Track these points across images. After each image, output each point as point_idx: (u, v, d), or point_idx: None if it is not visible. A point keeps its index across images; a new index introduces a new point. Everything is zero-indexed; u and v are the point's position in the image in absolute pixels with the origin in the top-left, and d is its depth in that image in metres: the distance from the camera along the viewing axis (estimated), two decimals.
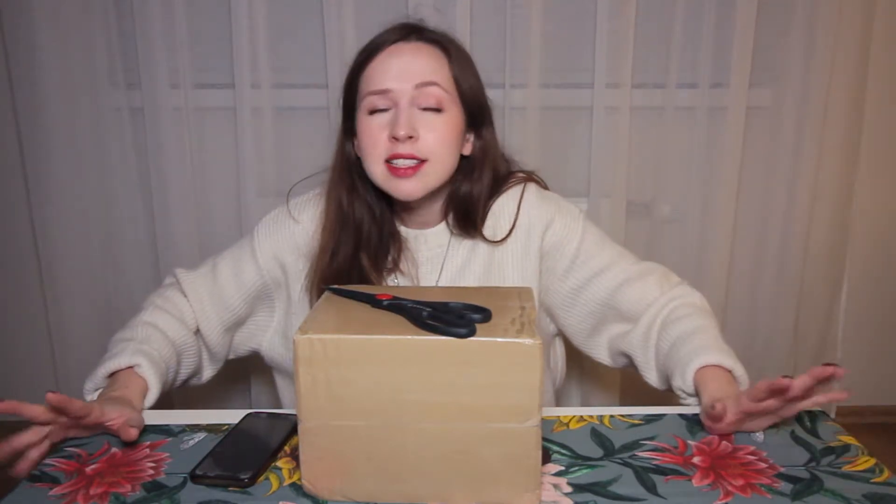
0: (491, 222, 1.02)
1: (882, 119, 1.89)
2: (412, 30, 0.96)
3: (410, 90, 0.92)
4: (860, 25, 1.72)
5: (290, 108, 1.76)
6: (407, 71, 0.92)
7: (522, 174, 1.06)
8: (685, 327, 0.94)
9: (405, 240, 1.03)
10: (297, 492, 0.72)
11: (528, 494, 0.68)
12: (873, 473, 0.74)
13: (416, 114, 0.92)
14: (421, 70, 0.92)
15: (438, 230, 1.04)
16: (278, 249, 1.05)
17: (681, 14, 1.70)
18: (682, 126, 1.76)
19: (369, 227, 1.00)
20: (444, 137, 0.93)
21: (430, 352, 0.65)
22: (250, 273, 1.05)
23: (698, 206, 1.81)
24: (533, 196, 1.03)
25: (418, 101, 0.92)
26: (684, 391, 0.90)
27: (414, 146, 0.92)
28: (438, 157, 0.94)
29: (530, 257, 1.02)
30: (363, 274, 0.99)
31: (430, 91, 0.92)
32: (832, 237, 1.88)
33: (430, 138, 0.92)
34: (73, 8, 1.66)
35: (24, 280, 1.93)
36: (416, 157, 0.92)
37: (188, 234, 1.78)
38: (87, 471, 0.76)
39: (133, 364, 0.90)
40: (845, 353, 2.04)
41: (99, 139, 1.75)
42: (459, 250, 1.02)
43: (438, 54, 0.95)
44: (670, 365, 0.93)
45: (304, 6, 1.72)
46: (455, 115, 0.95)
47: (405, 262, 1.02)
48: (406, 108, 0.91)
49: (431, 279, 1.03)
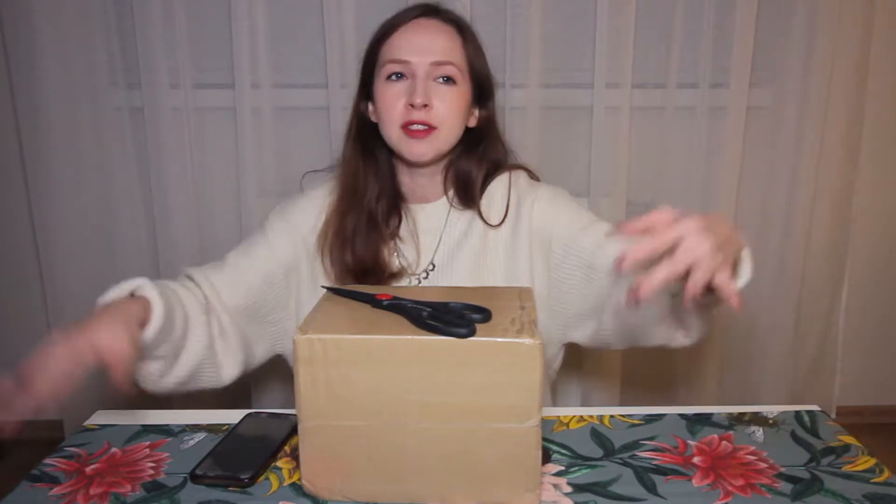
0: (486, 202, 1.07)
1: (882, 119, 1.89)
2: (433, 9, 1.05)
3: (427, 65, 0.99)
4: (860, 25, 1.72)
5: (290, 108, 1.76)
6: (427, 47, 1.00)
7: (511, 165, 1.12)
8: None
9: (408, 209, 1.09)
10: (297, 492, 0.72)
11: (528, 494, 0.68)
12: (873, 473, 0.74)
13: (431, 85, 1.00)
14: (440, 49, 1.00)
15: (438, 204, 1.08)
16: (290, 229, 1.07)
17: (681, 14, 1.70)
18: (682, 126, 1.76)
19: (380, 188, 1.07)
20: (455, 108, 1.01)
21: (430, 352, 0.65)
22: (261, 251, 1.05)
23: (698, 206, 1.81)
24: (522, 180, 1.10)
25: (434, 74, 1.00)
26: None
27: (428, 114, 0.99)
28: (448, 124, 1.01)
29: (521, 237, 1.05)
30: (371, 233, 1.04)
31: (446, 69, 1.00)
32: (832, 237, 1.88)
33: (442, 108, 0.99)
34: (73, 8, 1.66)
35: (24, 280, 1.93)
36: (428, 123, 0.99)
37: (188, 234, 1.78)
38: (87, 471, 0.76)
39: (130, 290, 0.81)
40: (845, 353, 2.04)
41: (99, 139, 1.75)
42: (458, 225, 1.07)
43: (454, 35, 1.03)
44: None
45: (304, 6, 1.72)
46: (465, 89, 1.03)
47: (406, 229, 1.07)
48: (423, 79, 0.99)
49: (430, 248, 1.06)
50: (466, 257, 1.04)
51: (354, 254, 1.02)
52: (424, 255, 1.06)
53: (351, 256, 1.02)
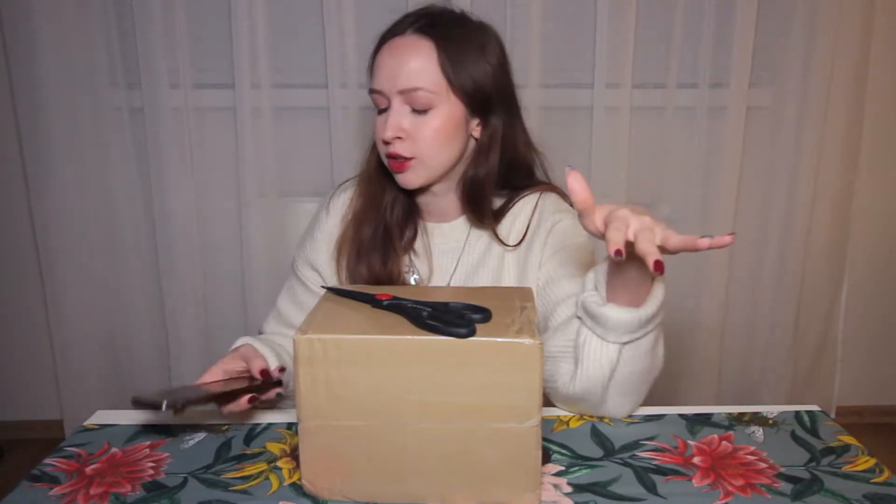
0: (508, 220, 1.03)
1: (882, 119, 1.89)
2: (415, 19, 0.97)
3: (394, 93, 0.94)
4: (860, 25, 1.72)
5: (290, 108, 1.76)
6: (393, 74, 0.94)
7: (546, 184, 1.07)
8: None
9: (424, 227, 1.06)
10: (297, 492, 0.72)
11: (528, 494, 0.68)
12: (873, 473, 0.74)
13: (405, 114, 0.95)
14: (406, 75, 0.93)
15: (456, 224, 1.05)
16: (314, 257, 1.07)
17: (681, 14, 1.70)
18: (682, 126, 1.76)
19: (397, 200, 1.04)
20: (431, 135, 0.95)
21: (430, 352, 0.65)
22: (308, 298, 1.08)
23: (698, 206, 1.81)
24: (549, 203, 1.04)
25: (406, 101, 0.94)
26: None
27: (402, 145, 0.95)
28: (427, 153, 0.95)
29: (533, 255, 1.01)
30: (386, 246, 1.02)
31: (414, 96, 0.93)
32: (832, 237, 1.88)
33: (418, 138, 0.95)
34: (73, 8, 1.66)
35: (24, 280, 1.93)
36: (402, 155, 0.95)
37: (188, 234, 1.78)
38: (87, 471, 0.76)
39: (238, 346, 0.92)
40: (845, 353, 2.04)
41: (99, 139, 1.75)
42: (477, 247, 1.04)
43: (430, 50, 0.93)
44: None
45: (304, 6, 1.72)
46: (447, 109, 0.95)
47: (422, 244, 1.05)
48: (396, 109, 0.94)
49: (447, 270, 1.04)
50: (482, 281, 1.03)
51: (368, 266, 1.01)
52: (439, 273, 1.04)
53: (365, 269, 1.01)
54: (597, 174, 1.76)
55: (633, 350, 0.79)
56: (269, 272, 1.80)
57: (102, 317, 1.86)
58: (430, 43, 0.94)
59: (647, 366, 0.81)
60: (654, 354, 0.82)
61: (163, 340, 1.87)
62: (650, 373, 0.83)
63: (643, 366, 0.81)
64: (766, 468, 0.75)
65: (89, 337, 1.86)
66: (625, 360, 0.79)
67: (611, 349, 0.79)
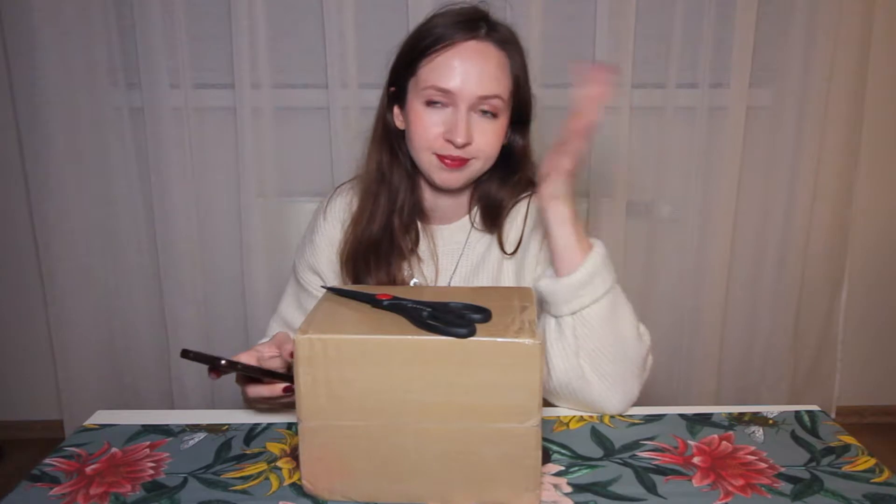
0: (507, 226, 1.04)
1: (882, 119, 1.89)
2: (482, 24, 0.95)
3: (474, 98, 0.93)
4: (860, 25, 1.72)
5: (290, 108, 1.76)
6: (476, 79, 0.93)
7: (533, 184, 1.07)
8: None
9: (428, 230, 1.06)
10: (297, 492, 0.72)
11: (528, 494, 0.68)
12: (873, 473, 0.74)
13: (473, 119, 0.95)
14: (488, 81, 0.93)
15: (459, 224, 1.06)
16: (314, 261, 1.07)
17: (681, 14, 1.70)
18: (682, 126, 1.76)
19: (401, 199, 1.02)
20: (493, 140, 0.97)
21: (430, 352, 0.65)
22: (311, 302, 1.07)
23: (698, 206, 1.81)
24: (536, 208, 1.05)
25: (477, 105, 0.94)
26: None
27: (466, 150, 0.95)
28: (484, 157, 0.97)
29: (528, 259, 1.02)
30: (390, 248, 1.01)
31: (491, 102, 0.94)
32: (832, 237, 1.88)
33: (482, 141, 0.95)
34: (73, 8, 1.66)
35: (24, 280, 1.93)
36: (466, 158, 0.96)
37: (188, 234, 1.79)
38: (87, 471, 0.76)
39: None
40: (845, 353, 2.04)
41: (99, 139, 1.75)
42: (477, 248, 1.05)
43: (504, 60, 0.96)
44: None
45: (304, 6, 1.72)
46: (505, 117, 0.98)
47: (426, 248, 1.04)
48: (465, 114, 0.93)
49: (447, 270, 1.05)
50: (482, 281, 1.03)
51: (374, 272, 1.01)
52: (442, 275, 1.05)
53: (371, 276, 1.01)
54: (597, 174, 1.76)
55: (586, 319, 0.83)
56: (269, 272, 1.80)
57: (102, 317, 1.86)
58: (504, 54, 0.97)
59: (612, 340, 0.84)
60: (615, 326, 0.84)
61: (163, 340, 1.87)
62: (624, 351, 0.85)
63: (608, 340, 0.84)
64: (766, 468, 0.75)
65: (89, 337, 1.86)
66: (582, 332, 0.83)
67: (565, 323, 0.84)
